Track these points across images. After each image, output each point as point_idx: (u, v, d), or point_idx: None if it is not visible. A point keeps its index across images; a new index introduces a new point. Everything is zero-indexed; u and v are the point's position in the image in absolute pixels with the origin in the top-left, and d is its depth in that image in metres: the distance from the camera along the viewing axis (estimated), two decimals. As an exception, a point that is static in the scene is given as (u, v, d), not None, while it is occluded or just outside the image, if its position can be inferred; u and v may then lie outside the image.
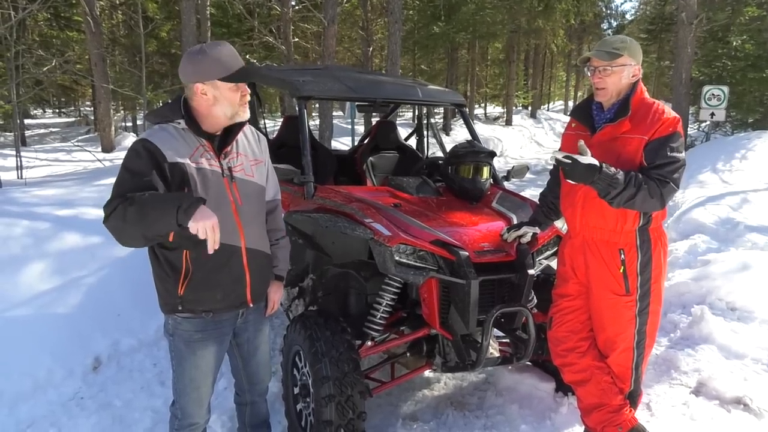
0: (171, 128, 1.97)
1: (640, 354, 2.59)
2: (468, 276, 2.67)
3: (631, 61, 2.41)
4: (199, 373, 2.16)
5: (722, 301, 4.08)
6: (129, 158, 1.90)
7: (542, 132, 23.35)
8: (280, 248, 2.40)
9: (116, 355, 3.88)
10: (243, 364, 2.40)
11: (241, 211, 2.09)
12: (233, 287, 2.12)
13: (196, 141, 2.00)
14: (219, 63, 1.93)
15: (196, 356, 2.14)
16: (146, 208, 1.74)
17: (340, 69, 4.85)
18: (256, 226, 2.19)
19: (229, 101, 1.97)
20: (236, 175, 2.08)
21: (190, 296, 2.04)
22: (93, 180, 7.14)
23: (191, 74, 1.94)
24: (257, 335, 2.36)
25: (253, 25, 13.33)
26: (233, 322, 2.23)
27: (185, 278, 2.01)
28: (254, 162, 2.18)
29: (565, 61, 38.34)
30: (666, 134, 2.32)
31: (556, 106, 43.42)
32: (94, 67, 11.34)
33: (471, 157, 3.46)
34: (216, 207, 1.91)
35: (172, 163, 1.90)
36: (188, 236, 1.82)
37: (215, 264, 2.03)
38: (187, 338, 2.11)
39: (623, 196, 2.25)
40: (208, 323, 2.12)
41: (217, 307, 2.10)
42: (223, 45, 1.99)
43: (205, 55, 1.93)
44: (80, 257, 4.49)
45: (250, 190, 2.13)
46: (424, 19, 18.23)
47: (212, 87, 1.94)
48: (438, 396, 3.52)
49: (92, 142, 13.42)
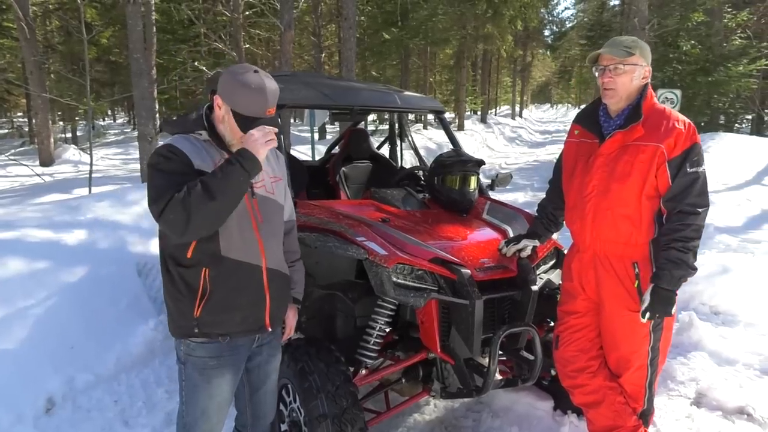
0: (192, 139, 1.88)
1: (654, 372, 2.47)
2: (471, 296, 2.48)
3: (642, 62, 2.29)
4: (213, 404, 1.99)
5: (706, 306, 4.07)
6: (158, 163, 1.80)
7: (493, 137, 23.59)
8: (296, 271, 2.26)
9: (71, 393, 3.48)
10: (250, 393, 2.19)
11: (262, 229, 1.96)
12: (252, 309, 1.97)
13: (217, 154, 1.89)
14: (246, 98, 1.79)
15: (210, 385, 1.95)
16: (209, 185, 1.70)
17: (308, 75, 4.61)
18: (276, 246, 2.06)
19: (232, 131, 1.87)
20: (257, 191, 1.96)
21: (207, 318, 1.89)
22: (34, 197, 6.61)
23: (220, 86, 1.84)
24: (270, 361, 2.18)
25: (200, 31, 12.86)
26: (249, 348, 2.06)
27: (202, 298, 1.87)
28: (274, 179, 2.07)
29: (511, 67, 39.08)
30: (687, 147, 2.21)
31: (503, 110, 44.28)
32: (29, 76, 10.63)
33: (458, 166, 3.28)
34: (237, 224, 1.87)
35: (198, 170, 1.81)
36: (209, 252, 1.82)
37: (236, 284, 1.91)
38: (201, 365, 1.94)
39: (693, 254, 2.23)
40: (224, 348, 1.95)
41: (234, 331, 1.94)
42: (270, 82, 1.82)
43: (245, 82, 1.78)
44: (25, 285, 4.04)
45: (270, 207, 2.02)
46: (375, 25, 18.13)
47: (226, 109, 1.84)
48: (430, 420, 3.31)
49: (29, 156, 12.59)
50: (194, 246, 1.83)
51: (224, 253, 1.85)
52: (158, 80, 9.52)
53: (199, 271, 1.85)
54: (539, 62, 55.05)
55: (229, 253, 1.86)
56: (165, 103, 16.17)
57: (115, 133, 24.52)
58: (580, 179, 2.46)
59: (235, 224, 1.85)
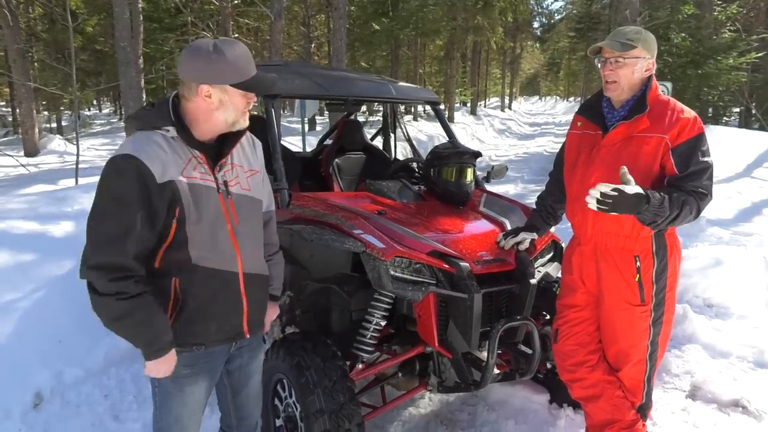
0: (159, 137, 1.67)
1: (653, 366, 2.46)
2: (470, 289, 2.44)
3: (645, 54, 2.25)
4: (186, 411, 1.90)
5: (699, 298, 4.08)
6: (109, 178, 1.61)
7: (483, 129, 23.58)
8: (274, 264, 2.14)
9: (60, 388, 3.41)
10: (232, 394, 2.11)
11: (239, 233, 1.82)
12: (228, 318, 1.85)
13: (188, 152, 1.71)
14: (235, 66, 1.66)
15: (183, 393, 1.87)
16: (132, 318, 1.64)
17: (301, 65, 4.54)
18: (254, 247, 1.93)
19: (236, 107, 1.72)
20: (232, 190, 1.81)
21: (180, 329, 1.76)
22: (19, 188, 6.47)
23: (198, 72, 1.66)
24: (251, 362, 2.09)
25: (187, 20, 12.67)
26: (226, 353, 1.97)
27: (174, 309, 1.75)
28: (250, 173, 1.91)
29: (500, 59, 39.05)
30: (694, 136, 2.17)
31: (492, 102, 44.27)
32: (12, 64, 10.40)
33: (455, 158, 3.23)
34: (212, 230, 1.74)
35: (161, 184, 1.61)
36: (179, 262, 1.69)
37: (209, 293, 1.78)
38: (174, 374, 1.82)
39: (667, 220, 2.10)
40: (199, 357, 1.85)
41: (210, 340, 1.84)
42: (238, 45, 1.71)
43: (222, 55, 1.64)
44: (11, 278, 3.96)
45: (247, 206, 1.87)
46: (365, 15, 17.98)
47: (221, 91, 1.68)
48: (425, 414, 3.29)
49: (12, 146, 12.37)
50: (161, 255, 1.70)
51: (196, 261, 1.72)
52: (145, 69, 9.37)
53: (168, 281, 1.72)
54: (528, 54, 55.11)
55: (201, 262, 1.73)
56: (152, 93, 15.94)
57: (101, 124, 24.17)
58: (582, 171, 2.43)
59: (207, 231, 1.71)
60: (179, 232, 1.67)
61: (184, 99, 1.71)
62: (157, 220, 1.63)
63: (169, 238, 1.67)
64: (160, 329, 1.68)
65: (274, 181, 3.01)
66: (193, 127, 1.72)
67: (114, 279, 1.59)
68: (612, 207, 2.03)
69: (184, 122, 1.71)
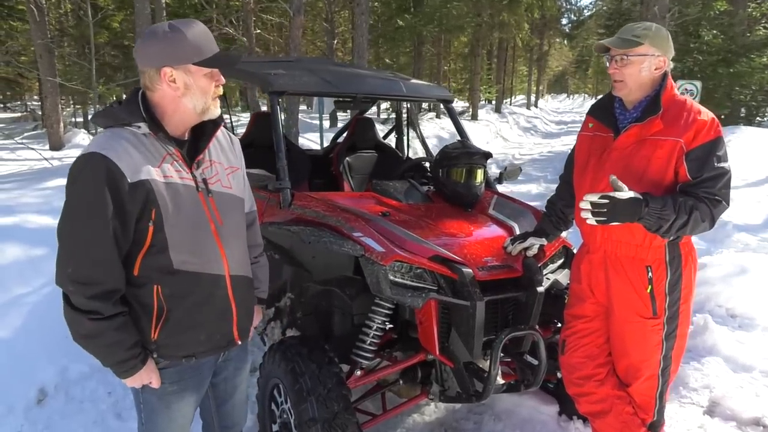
0: (128, 134, 1.57)
1: (665, 382, 2.32)
2: (473, 297, 2.34)
3: (653, 51, 2.11)
4: (174, 427, 1.81)
5: (722, 308, 3.90)
6: (76, 179, 1.52)
7: (507, 127, 23.28)
8: (259, 267, 2.05)
9: (64, 384, 3.40)
10: (217, 405, 2.03)
11: (222, 232, 1.72)
12: (218, 325, 1.76)
13: (162, 149, 1.61)
14: (195, 43, 1.56)
15: (170, 410, 1.77)
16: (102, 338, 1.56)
17: (314, 61, 4.47)
18: (239, 248, 1.83)
19: (202, 91, 1.61)
20: (212, 187, 1.71)
21: (166, 341, 1.67)
22: (38, 182, 6.53)
23: (158, 56, 1.56)
24: (237, 374, 2.00)
25: (211, 16, 12.70)
26: (214, 365, 1.88)
27: (159, 319, 1.64)
28: (230, 170, 1.81)
29: (527, 56, 38.53)
30: (710, 140, 2.03)
31: (518, 100, 43.71)
32: (39, 59, 10.55)
33: (464, 159, 3.13)
34: (193, 230, 1.64)
35: (134, 183, 1.51)
36: (159, 267, 1.59)
37: (196, 299, 1.68)
38: (160, 392, 1.73)
39: (675, 225, 1.96)
40: (186, 371, 1.75)
41: (199, 351, 1.74)
42: (196, 23, 1.61)
43: (178, 32, 1.55)
44: (22, 272, 3.99)
45: (229, 204, 1.77)
46: (389, 12, 17.87)
47: (184, 73, 1.57)
48: (430, 422, 3.19)
49: (40, 139, 12.57)
50: (140, 261, 1.59)
51: (178, 266, 1.61)
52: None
53: (150, 289, 1.61)
54: (556, 51, 54.27)
55: (183, 266, 1.62)
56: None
57: (128, 118, 24.47)
58: (592, 175, 2.31)
59: (187, 232, 1.61)
60: (157, 236, 1.57)
61: (149, 91, 1.61)
62: (130, 224, 1.54)
63: (146, 242, 1.58)
64: (130, 352, 1.60)
65: (277, 180, 2.95)
66: (164, 120, 1.62)
67: (92, 297, 1.51)
68: (609, 216, 1.92)
69: (156, 116, 1.61)
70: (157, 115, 1.61)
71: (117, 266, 1.56)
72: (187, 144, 1.68)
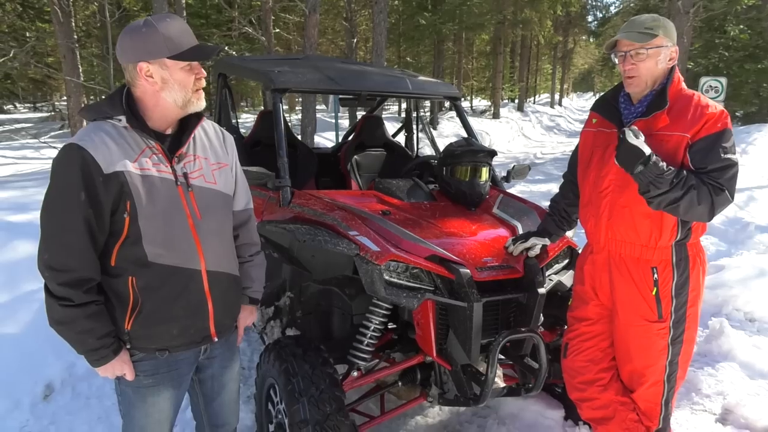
0: (108, 127, 1.61)
1: (671, 388, 2.23)
2: (470, 298, 2.28)
3: (667, 42, 2.02)
4: (150, 422, 1.80)
5: (740, 312, 3.76)
6: (55, 169, 1.57)
7: (530, 125, 23.04)
8: (254, 266, 2.02)
9: (71, 380, 3.43)
10: (205, 403, 2.01)
11: (200, 227, 1.71)
12: (192, 320, 1.75)
13: (142, 142, 1.63)
14: (169, 38, 1.57)
15: (146, 404, 1.77)
16: (74, 325, 1.58)
17: (321, 59, 4.43)
18: (220, 244, 1.81)
19: (181, 85, 1.63)
20: (193, 182, 1.71)
21: (139, 332, 1.68)
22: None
23: (133, 52, 1.59)
24: (224, 372, 1.98)
25: (233, 16, 12.80)
26: (194, 361, 1.86)
27: (133, 310, 1.66)
28: (217, 166, 1.80)
29: (551, 54, 38.03)
30: (716, 131, 1.94)
31: (542, 99, 43.17)
32: (63, 60, 10.76)
33: (468, 157, 3.05)
34: (167, 223, 1.63)
35: (108, 174, 1.54)
36: (134, 259, 1.61)
37: (169, 293, 1.68)
38: (135, 384, 1.74)
39: (666, 198, 1.89)
40: (161, 365, 1.75)
41: (173, 345, 1.74)
42: (173, 17, 1.63)
43: (152, 27, 1.57)
44: (32, 268, 3.99)
45: (211, 200, 1.76)
46: (410, 10, 17.80)
47: (160, 67, 1.59)
48: (432, 424, 3.13)
49: (65, 138, 12.84)
50: (116, 252, 1.62)
51: (152, 258, 1.62)
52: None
53: (125, 280, 1.63)
54: (581, 49, 53.36)
55: (158, 259, 1.63)
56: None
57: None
58: (596, 173, 2.23)
59: (162, 225, 1.62)
60: (132, 227, 1.59)
61: (132, 86, 1.64)
62: (105, 214, 1.56)
63: (123, 233, 1.60)
64: (101, 341, 1.62)
65: (277, 178, 2.92)
66: (146, 115, 1.65)
67: (63, 284, 1.54)
68: (617, 152, 1.97)
69: (137, 111, 1.63)
70: (140, 110, 1.64)
71: (89, 255, 1.57)
72: (170, 138, 1.70)
